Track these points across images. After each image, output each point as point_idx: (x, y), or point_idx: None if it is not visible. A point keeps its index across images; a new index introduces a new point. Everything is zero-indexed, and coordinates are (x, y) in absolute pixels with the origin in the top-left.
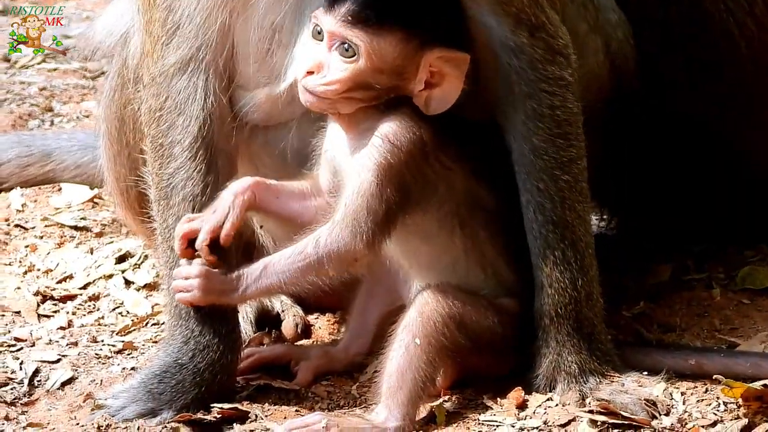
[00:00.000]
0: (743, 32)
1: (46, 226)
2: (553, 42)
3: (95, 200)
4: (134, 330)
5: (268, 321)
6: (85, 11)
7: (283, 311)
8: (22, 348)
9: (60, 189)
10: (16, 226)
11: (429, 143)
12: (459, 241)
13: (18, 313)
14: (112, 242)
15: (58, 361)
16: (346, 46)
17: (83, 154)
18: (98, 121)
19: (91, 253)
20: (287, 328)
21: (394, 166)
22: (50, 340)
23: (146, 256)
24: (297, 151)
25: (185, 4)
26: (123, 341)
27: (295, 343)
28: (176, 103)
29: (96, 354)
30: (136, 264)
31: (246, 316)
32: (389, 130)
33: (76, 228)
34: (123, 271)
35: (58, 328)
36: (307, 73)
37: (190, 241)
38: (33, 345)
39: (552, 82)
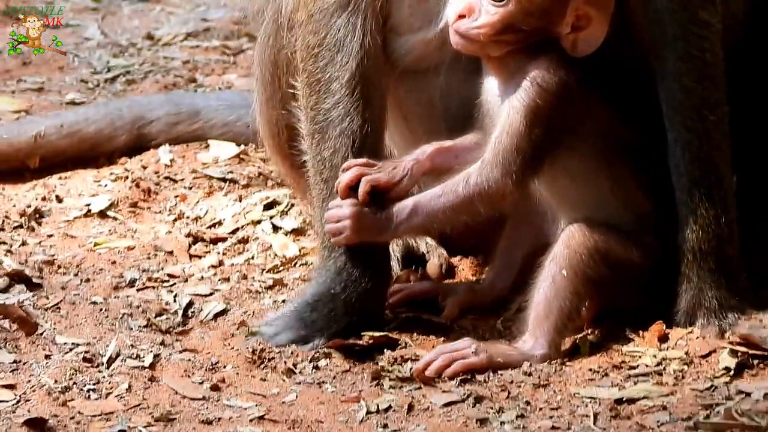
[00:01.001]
0: None
1: (194, 178)
2: None
3: (242, 156)
4: (283, 270)
5: (413, 260)
6: None
7: (428, 252)
8: (175, 283)
9: (207, 146)
10: (166, 178)
11: (575, 86)
12: (604, 179)
13: (170, 252)
14: (259, 191)
15: (210, 294)
16: None
17: (230, 112)
18: (253, 66)
19: (240, 201)
20: (432, 267)
21: (541, 108)
22: (202, 277)
23: (293, 205)
24: (444, 96)
25: None
26: (273, 278)
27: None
28: (335, 40)
29: (247, 289)
30: (283, 211)
31: (393, 254)
32: (537, 73)
33: (224, 180)
34: (271, 217)
35: (209, 267)
36: (459, 17)
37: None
38: (185, 281)
39: (702, 25)
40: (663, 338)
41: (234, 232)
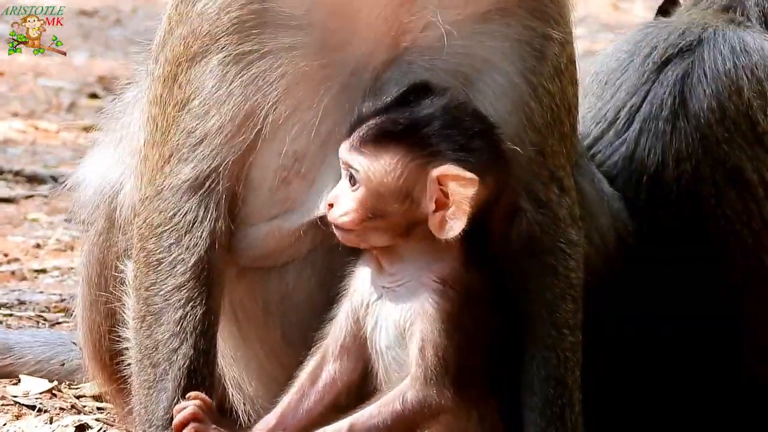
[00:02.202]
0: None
1: (3, 404)
2: (574, 208)
3: (54, 391)
4: None
5: None
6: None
7: None
8: None
9: (18, 381)
10: None
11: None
12: None
13: None
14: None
15: None
16: (350, 174)
17: (44, 350)
18: (78, 267)
19: (51, 423)
20: None
21: (458, 309)
22: None
23: (106, 430)
24: (285, 302)
25: (223, 112)
26: None
27: None
28: (185, 221)
29: None
30: None
31: None
32: (446, 270)
33: (34, 408)
34: None
35: None
36: (328, 206)
37: None
38: None
39: (570, 244)
40: None
41: None
